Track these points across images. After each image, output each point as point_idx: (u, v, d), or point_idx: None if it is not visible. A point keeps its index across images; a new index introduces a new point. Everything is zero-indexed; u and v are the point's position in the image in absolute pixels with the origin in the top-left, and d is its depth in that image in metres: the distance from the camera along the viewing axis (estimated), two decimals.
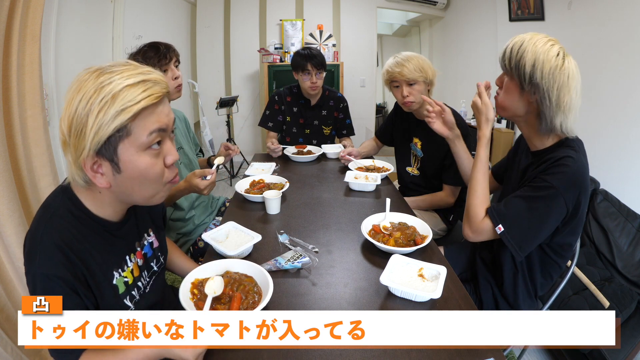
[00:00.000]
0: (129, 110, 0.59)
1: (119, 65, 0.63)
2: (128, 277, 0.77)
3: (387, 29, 6.37)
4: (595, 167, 2.14)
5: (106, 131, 0.59)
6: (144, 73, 0.63)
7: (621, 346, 1.48)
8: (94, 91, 0.59)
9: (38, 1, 1.42)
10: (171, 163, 0.69)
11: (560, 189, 0.89)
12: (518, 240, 0.95)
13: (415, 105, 1.62)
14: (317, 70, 2.03)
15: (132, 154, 0.63)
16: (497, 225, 0.96)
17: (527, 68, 0.92)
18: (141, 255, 0.83)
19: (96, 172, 0.64)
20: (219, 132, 4.26)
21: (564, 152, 0.93)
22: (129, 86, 0.60)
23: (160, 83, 0.65)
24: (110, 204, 0.71)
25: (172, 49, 1.41)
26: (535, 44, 0.93)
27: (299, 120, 2.25)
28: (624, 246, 1.83)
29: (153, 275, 0.88)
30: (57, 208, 0.68)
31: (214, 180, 1.25)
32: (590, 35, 2.42)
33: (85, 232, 0.69)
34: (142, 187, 0.67)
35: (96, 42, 2.33)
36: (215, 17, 4.34)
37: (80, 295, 0.66)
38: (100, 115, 0.58)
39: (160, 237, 0.92)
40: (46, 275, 0.62)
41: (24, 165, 1.42)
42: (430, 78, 1.58)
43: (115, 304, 0.73)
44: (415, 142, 1.72)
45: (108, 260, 0.73)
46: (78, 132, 0.60)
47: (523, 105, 0.98)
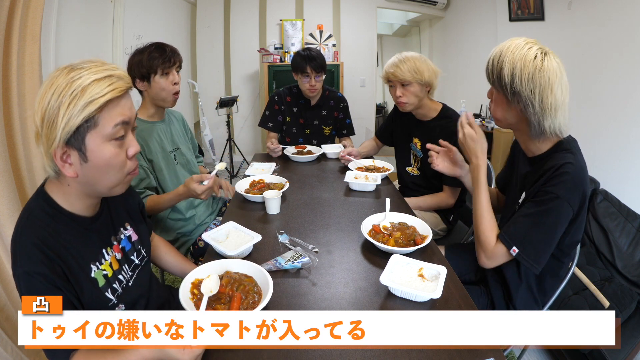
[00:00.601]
0: (96, 102, 0.65)
1: (87, 62, 0.69)
2: (107, 270, 0.80)
3: (387, 29, 6.37)
4: (595, 167, 2.14)
5: (75, 121, 0.65)
6: (110, 69, 0.69)
7: (621, 346, 1.48)
8: (65, 85, 0.65)
9: (38, 1, 1.42)
10: (133, 154, 0.75)
11: (564, 197, 0.90)
12: (534, 257, 0.95)
13: (409, 107, 1.62)
14: (317, 73, 2.01)
15: (98, 143, 0.69)
16: (511, 248, 0.96)
17: (507, 79, 0.92)
18: (119, 249, 0.86)
19: (65, 162, 0.69)
20: (219, 132, 4.26)
21: (561, 159, 0.93)
22: (97, 80, 0.66)
23: (124, 78, 0.71)
24: (78, 196, 0.75)
25: (177, 53, 1.41)
26: (512, 52, 0.92)
27: (299, 121, 2.24)
28: (624, 246, 1.83)
29: (136, 268, 0.90)
30: (33, 209, 0.73)
31: (212, 186, 1.25)
32: (590, 35, 2.42)
33: (60, 228, 0.73)
34: (105, 176, 0.73)
35: (96, 42, 2.33)
36: (215, 17, 4.34)
37: (62, 290, 0.69)
38: (70, 106, 0.64)
39: (139, 231, 0.94)
40: (27, 273, 0.66)
41: (24, 165, 1.42)
42: (426, 80, 1.54)
43: (96, 297, 0.76)
44: (415, 142, 1.72)
45: (84, 254, 0.76)
46: (50, 122, 0.65)
47: (512, 114, 0.98)
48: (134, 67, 1.36)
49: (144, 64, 1.35)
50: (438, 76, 1.58)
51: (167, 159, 1.47)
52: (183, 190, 1.28)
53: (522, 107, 0.94)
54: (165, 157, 1.46)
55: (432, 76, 1.56)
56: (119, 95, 0.69)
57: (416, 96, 1.58)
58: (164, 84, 1.39)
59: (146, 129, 1.42)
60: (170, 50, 1.39)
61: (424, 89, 1.58)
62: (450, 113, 1.63)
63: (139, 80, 1.38)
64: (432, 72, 1.56)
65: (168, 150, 1.49)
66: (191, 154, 1.65)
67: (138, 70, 1.36)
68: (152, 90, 1.39)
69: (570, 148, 0.96)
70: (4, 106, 1.33)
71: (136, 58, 1.36)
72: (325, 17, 4.37)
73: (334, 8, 4.39)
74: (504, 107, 0.99)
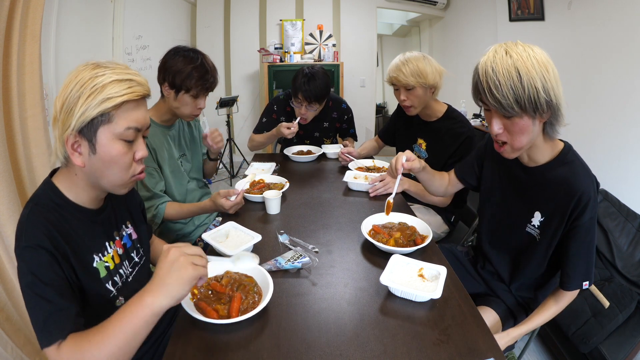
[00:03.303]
0: (112, 100, 0.69)
1: (113, 63, 0.73)
2: (109, 262, 0.82)
3: (387, 29, 6.37)
4: (595, 167, 2.14)
5: (91, 113, 0.68)
6: (132, 74, 0.73)
7: (621, 346, 1.48)
8: (89, 79, 0.69)
9: (38, 1, 1.42)
10: (140, 158, 0.78)
11: (595, 215, 0.93)
12: (593, 276, 0.97)
13: (415, 110, 1.59)
14: (308, 103, 1.83)
15: (108, 138, 0.72)
16: (582, 285, 0.96)
17: (543, 97, 0.82)
18: (120, 245, 0.88)
19: (75, 151, 0.72)
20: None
21: (578, 180, 0.92)
22: (117, 81, 0.70)
23: (143, 85, 0.75)
24: (84, 188, 0.78)
25: (216, 82, 1.38)
26: (527, 68, 0.81)
27: (299, 132, 2.18)
28: (623, 246, 1.83)
29: (135, 266, 0.92)
30: (40, 196, 0.75)
31: (240, 201, 1.29)
32: (590, 35, 2.42)
33: (66, 216, 0.75)
34: (110, 172, 0.75)
35: (96, 42, 2.33)
36: (215, 17, 4.34)
37: (63, 269, 0.70)
38: (89, 99, 0.68)
39: (139, 231, 0.96)
40: (31, 246, 0.67)
41: (24, 165, 1.42)
42: (430, 83, 1.49)
43: (97, 286, 0.78)
44: (419, 142, 1.71)
45: (88, 244, 0.78)
46: (68, 110, 0.69)
47: (537, 130, 0.90)
48: (170, 70, 1.29)
49: (182, 77, 1.28)
50: (443, 76, 1.53)
51: (174, 166, 1.45)
52: (210, 206, 1.31)
53: (552, 113, 0.86)
54: (173, 163, 1.44)
55: (437, 77, 1.51)
56: (135, 99, 0.72)
57: (421, 99, 1.55)
58: (190, 104, 1.34)
59: (158, 133, 1.38)
60: (212, 77, 1.34)
61: (429, 91, 1.54)
62: (455, 114, 1.61)
63: (167, 86, 1.32)
64: (436, 73, 1.50)
65: (175, 157, 1.47)
66: (198, 159, 1.62)
67: (172, 77, 1.29)
68: (175, 102, 1.34)
69: (573, 160, 0.95)
70: (4, 106, 1.33)
71: (178, 64, 1.28)
72: (325, 17, 4.37)
73: (334, 8, 4.39)
74: (530, 130, 0.88)
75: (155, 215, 1.32)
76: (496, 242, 1.17)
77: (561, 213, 0.95)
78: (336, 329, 0.79)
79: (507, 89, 0.82)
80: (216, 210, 1.31)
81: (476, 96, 0.91)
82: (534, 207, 1.02)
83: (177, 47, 1.35)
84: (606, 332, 1.49)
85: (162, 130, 1.42)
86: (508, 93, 0.82)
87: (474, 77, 0.89)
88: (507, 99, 0.83)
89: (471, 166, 1.24)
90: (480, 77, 0.86)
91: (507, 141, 0.92)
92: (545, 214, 0.99)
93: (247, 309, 0.80)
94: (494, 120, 0.90)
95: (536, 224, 1.02)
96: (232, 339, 0.76)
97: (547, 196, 0.98)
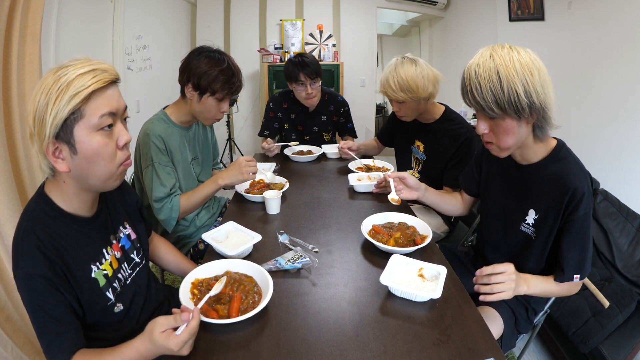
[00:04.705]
0: (80, 94, 0.67)
1: (73, 61, 0.71)
2: (107, 269, 0.81)
3: (387, 29, 6.36)
4: (595, 167, 2.14)
5: (62, 115, 0.67)
6: (95, 64, 0.71)
7: (621, 346, 1.48)
8: (53, 82, 0.67)
9: (38, 1, 1.42)
10: (123, 144, 0.76)
11: (590, 210, 0.93)
12: (588, 270, 0.97)
13: (408, 119, 1.59)
14: (312, 80, 1.92)
15: (86, 134, 0.70)
16: (574, 277, 0.97)
17: (524, 100, 0.83)
18: (118, 248, 0.87)
19: (57, 157, 0.71)
20: (219, 132, 4.26)
21: (571, 176, 0.92)
22: (81, 75, 0.68)
23: (108, 71, 0.72)
24: (75, 193, 0.76)
25: (242, 86, 1.35)
26: (509, 69, 0.82)
27: (297, 127, 2.20)
28: (623, 246, 1.83)
29: (136, 267, 0.92)
30: (33, 211, 0.74)
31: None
32: (590, 35, 2.42)
33: (60, 230, 0.74)
34: (96, 167, 0.73)
35: (96, 42, 2.33)
36: (215, 17, 4.34)
37: (62, 292, 0.70)
38: (57, 101, 0.66)
39: (137, 229, 0.96)
40: (29, 274, 0.68)
41: (24, 165, 1.42)
42: (421, 97, 1.45)
43: (96, 297, 0.78)
44: (417, 145, 1.71)
45: (84, 255, 0.77)
46: (40, 120, 0.67)
47: (523, 132, 0.91)
48: (194, 72, 1.26)
49: (208, 79, 1.25)
50: (438, 83, 1.49)
51: (186, 169, 1.44)
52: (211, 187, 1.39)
53: (537, 114, 0.86)
54: (185, 166, 1.44)
55: (429, 87, 1.45)
56: (103, 86, 0.70)
57: (414, 110, 1.54)
58: (214, 108, 1.32)
59: (175, 134, 1.37)
60: (238, 80, 1.31)
61: (422, 102, 1.51)
62: (453, 115, 1.61)
63: (191, 87, 1.28)
64: (429, 83, 1.44)
65: (188, 160, 1.46)
66: (208, 163, 1.62)
67: (197, 79, 1.26)
68: (198, 105, 1.31)
69: (566, 156, 0.95)
70: (4, 106, 1.33)
71: (203, 66, 1.26)
72: (325, 17, 4.36)
73: (334, 8, 4.39)
74: (515, 131, 0.89)
75: (172, 209, 1.30)
76: (494, 241, 1.17)
77: (556, 209, 0.95)
78: (336, 329, 0.79)
79: (486, 91, 0.84)
80: (215, 191, 1.37)
81: (462, 97, 0.93)
82: (528, 206, 1.02)
83: (201, 47, 1.32)
84: (606, 332, 1.49)
85: (179, 132, 1.40)
86: (487, 95, 0.84)
87: (461, 79, 0.92)
88: (486, 101, 0.85)
89: (471, 174, 1.25)
90: (465, 79, 0.89)
91: (493, 141, 0.95)
92: (539, 211, 1.00)
93: (247, 309, 0.80)
94: (480, 120, 0.94)
95: (530, 222, 1.02)
96: (232, 339, 0.76)
97: (541, 193, 0.98)
